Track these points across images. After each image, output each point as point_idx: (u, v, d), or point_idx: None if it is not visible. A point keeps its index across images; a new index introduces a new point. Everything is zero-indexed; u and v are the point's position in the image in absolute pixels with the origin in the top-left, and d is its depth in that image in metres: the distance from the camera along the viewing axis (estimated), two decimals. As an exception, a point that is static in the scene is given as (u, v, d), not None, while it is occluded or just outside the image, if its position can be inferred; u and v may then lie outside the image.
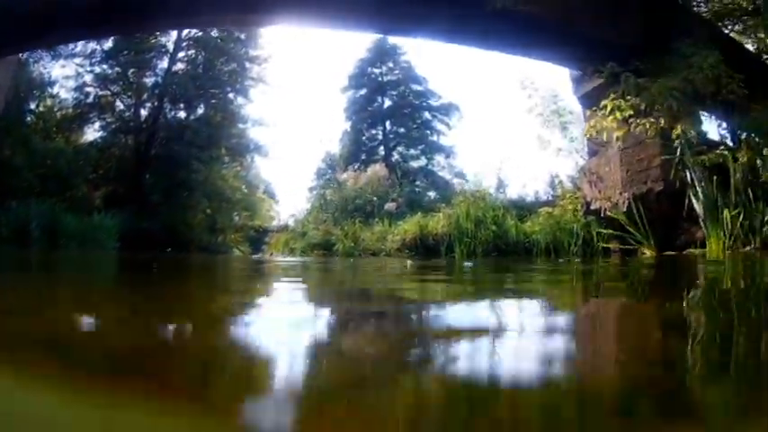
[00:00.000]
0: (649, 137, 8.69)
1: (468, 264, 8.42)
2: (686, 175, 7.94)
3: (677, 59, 8.57)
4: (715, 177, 7.71)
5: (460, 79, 70.68)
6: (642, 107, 8.46)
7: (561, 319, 2.68)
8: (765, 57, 10.92)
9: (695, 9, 11.07)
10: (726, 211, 7.26)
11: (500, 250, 10.89)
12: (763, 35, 10.96)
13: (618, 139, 8.84)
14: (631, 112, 8.57)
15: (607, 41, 9.60)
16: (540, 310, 3.04)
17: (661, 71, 8.60)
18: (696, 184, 7.71)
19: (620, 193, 8.99)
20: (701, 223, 7.67)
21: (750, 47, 11.64)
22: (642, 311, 2.91)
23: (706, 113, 9.94)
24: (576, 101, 10.76)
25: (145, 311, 2.68)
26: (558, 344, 1.96)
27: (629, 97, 8.63)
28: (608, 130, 8.87)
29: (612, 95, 8.83)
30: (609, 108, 8.66)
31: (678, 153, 8.04)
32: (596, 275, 5.90)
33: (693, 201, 7.74)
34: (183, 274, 6.89)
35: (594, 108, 9.25)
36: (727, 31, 11.45)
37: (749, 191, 7.50)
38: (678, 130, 8.02)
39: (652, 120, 8.51)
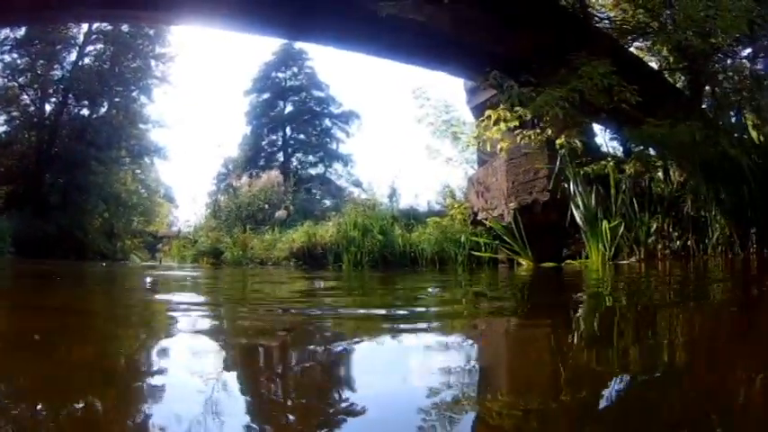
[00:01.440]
0: (535, 148, 8.46)
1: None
2: (568, 187, 7.71)
3: (569, 71, 8.43)
4: (600, 189, 7.53)
5: (362, 87, 71.33)
6: (528, 118, 8.25)
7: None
8: (667, 73, 11.11)
9: (598, 25, 11.11)
10: (604, 223, 7.06)
11: (387, 261, 10.47)
12: (666, 53, 11.18)
13: (502, 149, 8.61)
14: (516, 123, 8.36)
15: (500, 53, 9.41)
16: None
17: (552, 83, 8.43)
18: (577, 195, 7.49)
19: (506, 204, 8.73)
20: (582, 234, 7.44)
21: (654, 64, 11.86)
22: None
23: (601, 126, 9.95)
24: (469, 112, 10.50)
25: None
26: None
27: (517, 108, 8.42)
28: (490, 141, 8.66)
29: (503, 106, 8.62)
30: (493, 119, 8.41)
31: (558, 164, 7.83)
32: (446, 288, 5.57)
33: (574, 212, 7.53)
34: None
35: (482, 118, 8.99)
36: (633, 49, 11.64)
37: (634, 202, 7.33)
38: (561, 140, 7.82)
39: (538, 131, 8.32)
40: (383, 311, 3.44)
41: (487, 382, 1.74)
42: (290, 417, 1.42)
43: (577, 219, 7.51)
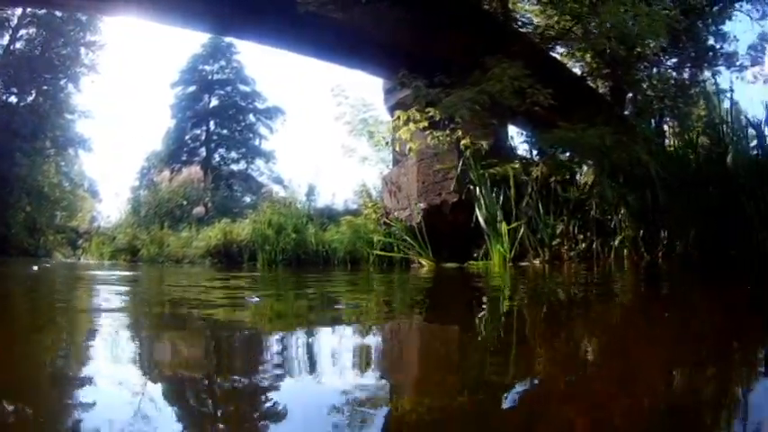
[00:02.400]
0: (445, 149, 8.34)
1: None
2: (474, 188, 7.60)
3: (483, 73, 8.34)
4: (507, 191, 7.43)
5: (288, 82, 70.51)
6: (437, 118, 8.12)
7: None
8: (590, 79, 11.22)
9: (522, 30, 11.11)
10: (503, 225, 6.95)
11: (300, 260, 10.21)
12: (590, 60, 11.30)
13: (411, 150, 8.49)
14: (425, 124, 8.22)
15: (419, 53, 9.25)
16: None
17: (465, 84, 8.32)
18: (481, 196, 7.37)
19: (416, 204, 8.55)
20: (485, 236, 7.33)
21: (578, 71, 11.95)
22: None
23: (517, 128, 9.91)
24: (386, 111, 10.31)
25: None
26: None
27: (428, 109, 8.28)
28: (399, 141, 8.53)
29: (416, 107, 8.48)
30: (403, 119, 8.27)
31: (460, 165, 7.73)
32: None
33: (478, 213, 7.41)
34: None
35: (396, 119, 8.83)
36: (558, 55, 11.69)
37: (539, 205, 7.24)
38: (466, 141, 7.70)
39: (447, 132, 8.19)
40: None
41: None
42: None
43: (480, 220, 7.40)
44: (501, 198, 7.50)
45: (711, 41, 11.84)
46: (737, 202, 6.44)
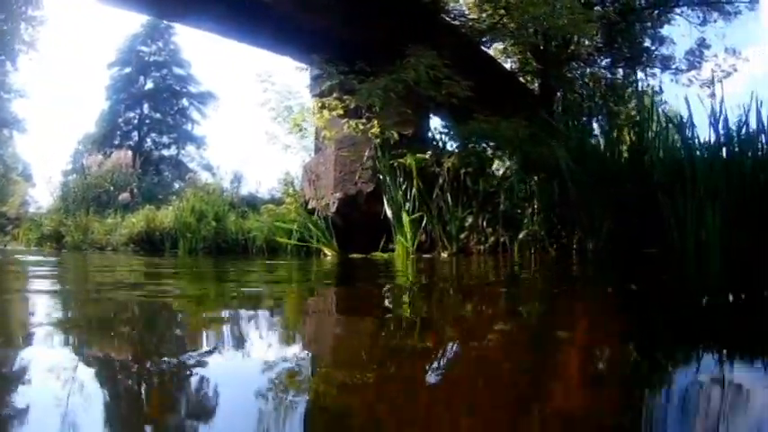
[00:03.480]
0: (363, 138, 8.22)
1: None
2: (383, 178, 7.50)
3: (402, 62, 8.24)
4: (419, 182, 7.33)
5: (222, 67, 68.99)
6: (352, 106, 8.01)
7: None
8: (520, 75, 11.23)
9: (454, 22, 11.03)
10: (404, 216, 6.87)
11: (220, 248, 10.01)
12: (521, 56, 11.32)
13: (325, 138, 8.42)
14: (341, 112, 8.10)
15: (345, 40, 9.12)
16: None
17: (385, 73, 8.21)
18: (387, 187, 7.28)
19: (332, 194, 8.41)
20: (392, 227, 7.24)
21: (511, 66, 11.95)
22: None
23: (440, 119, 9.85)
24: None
25: None
26: None
27: (345, 97, 8.16)
28: (320, 129, 8.38)
29: (335, 95, 8.36)
30: (317, 106, 8.20)
31: (374, 154, 7.61)
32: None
33: (385, 204, 7.30)
34: None
35: (320, 106, 8.71)
36: (492, 51, 11.66)
37: (448, 197, 7.16)
38: (375, 130, 7.59)
39: (363, 120, 8.07)
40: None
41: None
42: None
43: (387, 211, 7.31)
44: (413, 189, 7.41)
45: (648, 43, 12.00)
46: (654, 201, 6.51)
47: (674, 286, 3.31)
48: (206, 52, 68.93)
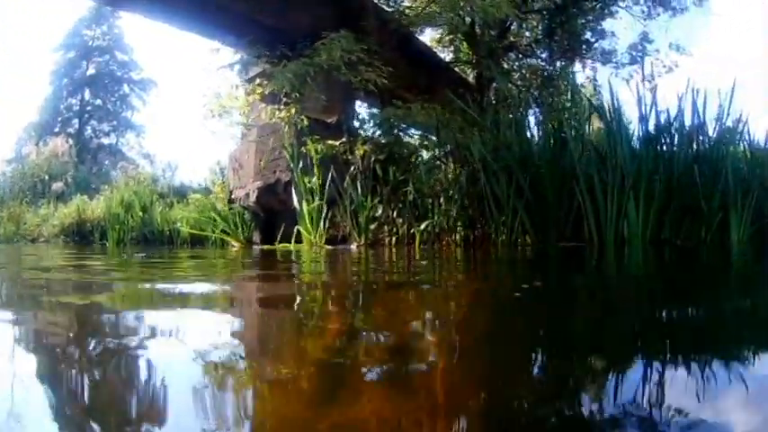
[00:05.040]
0: (281, 124, 7.83)
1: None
2: (296, 166, 7.12)
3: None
4: (333, 171, 6.96)
5: (164, 52, 66.79)
6: (266, 92, 7.65)
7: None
8: (456, 65, 10.88)
9: (389, 9, 10.63)
10: (305, 206, 6.49)
11: (147, 239, 9.61)
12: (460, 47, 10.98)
13: (244, 124, 7.97)
14: (257, 97, 7.72)
15: (272, 25, 8.71)
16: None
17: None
18: (296, 176, 6.90)
19: (252, 182, 8.03)
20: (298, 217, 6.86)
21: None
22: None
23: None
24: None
25: None
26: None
27: (265, 82, 7.79)
28: (247, 116, 8.02)
29: (258, 81, 8.01)
30: (225, 92, 7.89)
31: (286, 142, 7.24)
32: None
33: (294, 193, 6.92)
34: None
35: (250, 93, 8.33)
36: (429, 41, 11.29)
37: (358, 186, 6.78)
38: (284, 115, 7.20)
39: (281, 106, 7.68)
40: None
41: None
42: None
43: (295, 201, 6.93)
44: (329, 177, 7.04)
45: (588, 36, 11.67)
46: (571, 190, 6.17)
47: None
48: (146, 37, 66.81)
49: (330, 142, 7.04)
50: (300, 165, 7.19)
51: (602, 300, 2.22)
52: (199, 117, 9.55)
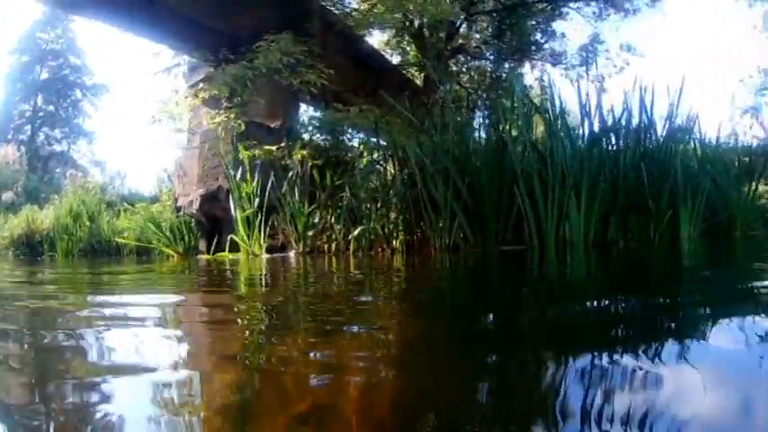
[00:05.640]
0: (225, 129, 7.59)
1: None
2: (235, 172, 6.88)
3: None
4: (273, 177, 6.73)
5: (116, 57, 65.60)
6: (207, 96, 7.42)
7: None
8: (404, 68, 10.70)
9: (337, 12, 10.42)
10: (239, 213, 6.25)
11: (95, 250, 9.33)
12: (409, 49, 10.82)
13: (189, 130, 7.74)
14: (198, 102, 7.48)
15: (220, 30, 8.47)
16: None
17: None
18: (232, 182, 6.66)
19: (195, 190, 7.78)
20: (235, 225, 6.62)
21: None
22: None
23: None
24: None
25: None
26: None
27: (203, 86, 7.57)
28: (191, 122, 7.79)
29: (202, 85, 7.78)
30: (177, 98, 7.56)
31: (206, 146, 7.01)
32: None
33: (231, 201, 6.69)
34: None
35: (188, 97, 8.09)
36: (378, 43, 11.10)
37: (295, 192, 6.55)
38: (219, 119, 6.97)
39: (220, 111, 7.45)
40: None
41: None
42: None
43: (232, 208, 6.70)
44: (269, 184, 6.81)
45: (538, 37, 11.55)
46: (512, 193, 5.97)
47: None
48: (98, 40, 65.66)
49: (267, 147, 6.81)
50: (240, 171, 6.97)
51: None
52: (145, 123, 9.33)
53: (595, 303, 2.10)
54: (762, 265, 3.50)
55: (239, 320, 2.00)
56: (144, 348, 1.48)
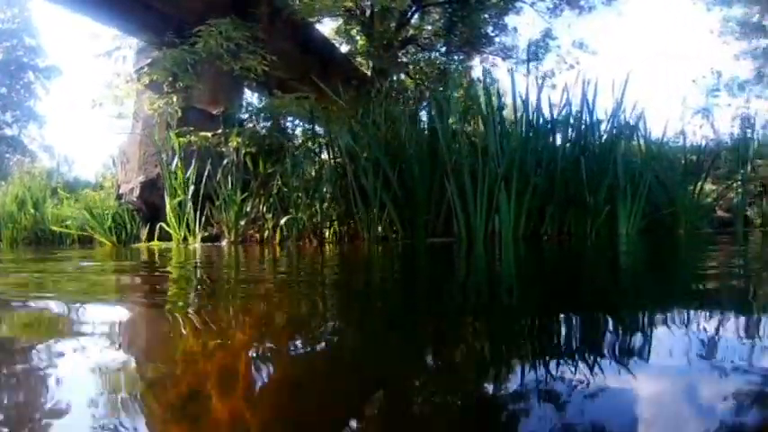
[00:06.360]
0: (167, 114, 7.44)
1: None
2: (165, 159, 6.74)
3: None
4: (209, 165, 6.59)
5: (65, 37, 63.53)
6: (149, 82, 7.27)
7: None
8: (354, 57, 10.62)
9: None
10: (168, 201, 6.12)
11: (39, 238, 9.14)
12: (358, 38, 10.74)
13: (133, 115, 7.58)
14: (141, 87, 7.31)
15: (164, 12, 8.31)
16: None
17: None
18: (164, 169, 6.53)
19: (136, 177, 7.62)
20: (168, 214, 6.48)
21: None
22: None
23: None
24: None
25: None
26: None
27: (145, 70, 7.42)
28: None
29: (146, 69, 7.61)
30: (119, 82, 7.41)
31: (147, 132, 6.85)
32: None
33: (165, 188, 6.55)
34: None
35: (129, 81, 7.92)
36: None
37: (228, 181, 6.43)
38: (156, 105, 6.81)
39: (160, 95, 7.30)
40: None
41: None
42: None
43: (166, 196, 6.56)
44: (205, 172, 6.67)
45: (489, 31, 11.51)
46: (443, 185, 5.89)
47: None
48: (52, 20, 63.83)
49: (203, 134, 6.67)
50: (177, 158, 6.83)
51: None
52: (87, 108, 9.14)
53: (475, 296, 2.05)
54: (674, 263, 3.46)
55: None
56: None
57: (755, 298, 1.81)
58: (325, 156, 6.53)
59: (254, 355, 1.17)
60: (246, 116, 7.38)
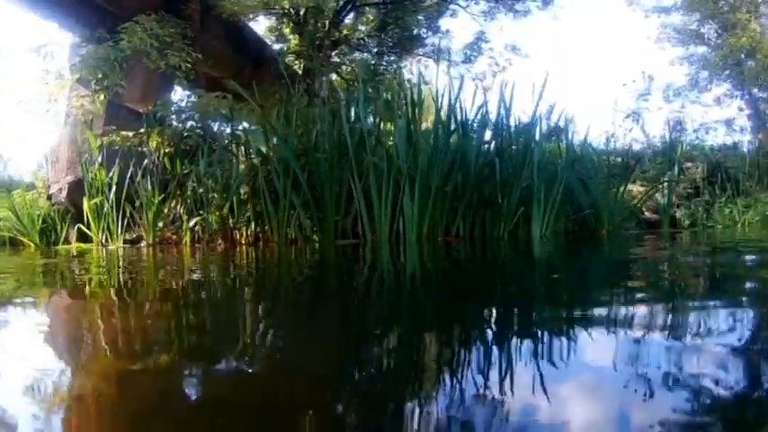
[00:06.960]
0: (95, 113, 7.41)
1: None
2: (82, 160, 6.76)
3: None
4: (132, 164, 6.60)
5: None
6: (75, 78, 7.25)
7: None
8: (285, 56, 10.67)
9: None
10: (86, 202, 6.17)
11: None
12: (292, 38, 10.81)
13: (49, 112, 7.60)
14: (69, 85, 7.30)
15: (100, 8, 8.24)
16: None
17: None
18: (83, 170, 6.55)
19: (64, 177, 7.59)
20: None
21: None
22: None
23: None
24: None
25: None
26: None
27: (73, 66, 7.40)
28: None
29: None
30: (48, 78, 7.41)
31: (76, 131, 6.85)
32: None
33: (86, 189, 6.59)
34: None
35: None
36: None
37: (148, 180, 6.45)
38: (77, 103, 6.82)
39: (87, 93, 7.29)
40: None
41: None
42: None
43: (84, 197, 6.59)
44: (128, 172, 6.67)
45: (422, 32, 11.65)
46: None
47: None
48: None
49: (124, 133, 6.69)
50: (98, 158, 6.83)
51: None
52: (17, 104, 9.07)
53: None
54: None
55: None
56: None
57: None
58: (239, 155, 6.58)
59: None
60: (174, 115, 7.39)
